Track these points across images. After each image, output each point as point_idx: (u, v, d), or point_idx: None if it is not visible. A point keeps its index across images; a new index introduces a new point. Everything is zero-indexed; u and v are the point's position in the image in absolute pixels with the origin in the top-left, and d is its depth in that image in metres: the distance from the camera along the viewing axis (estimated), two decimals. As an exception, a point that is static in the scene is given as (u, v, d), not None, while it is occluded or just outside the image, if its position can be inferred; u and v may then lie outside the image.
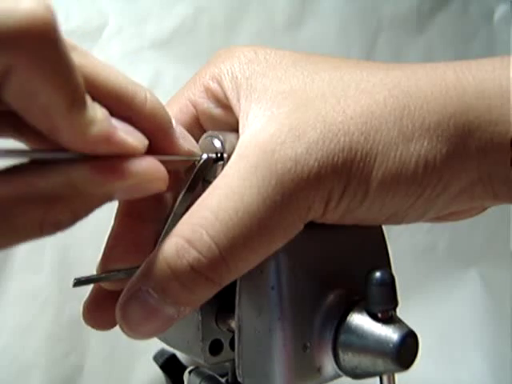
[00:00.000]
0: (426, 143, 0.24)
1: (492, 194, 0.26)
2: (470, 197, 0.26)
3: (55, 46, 0.18)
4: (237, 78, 0.27)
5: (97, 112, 0.21)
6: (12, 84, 0.18)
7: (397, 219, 0.26)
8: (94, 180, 0.21)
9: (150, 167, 0.22)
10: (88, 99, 0.20)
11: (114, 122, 0.22)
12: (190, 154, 0.26)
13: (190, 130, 0.27)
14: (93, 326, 0.27)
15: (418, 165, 0.24)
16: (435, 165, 0.24)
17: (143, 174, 0.22)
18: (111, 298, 0.26)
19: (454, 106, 0.24)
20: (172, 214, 0.26)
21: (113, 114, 0.22)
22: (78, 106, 0.19)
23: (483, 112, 0.24)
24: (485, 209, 0.29)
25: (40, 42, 0.17)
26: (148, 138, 0.23)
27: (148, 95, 0.23)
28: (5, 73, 0.17)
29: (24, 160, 0.21)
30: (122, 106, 0.22)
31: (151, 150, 0.23)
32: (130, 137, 0.22)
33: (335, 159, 0.23)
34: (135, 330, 0.23)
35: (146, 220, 0.27)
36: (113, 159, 0.21)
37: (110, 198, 0.22)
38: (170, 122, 0.25)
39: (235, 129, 0.27)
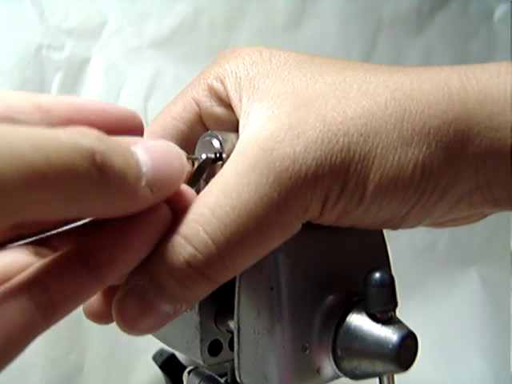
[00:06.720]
0: (424, 148, 0.24)
1: (492, 200, 0.25)
2: (468, 204, 0.25)
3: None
4: (240, 78, 0.27)
5: None
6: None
7: (393, 224, 0.26)
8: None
9: None
10: None
11: None
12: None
13: (192, 128, 0.27)
14: (93, 321, 0.27)
15: (415, 170, 0.24)
16: (432, 171, 0.24)
17: None
18: (112, 293, 0.26)
19: (455, 111, 0.24)
20: None
21: None
22: None
23: (484, 118, 0.24)
24: (485, 216, 0.29)
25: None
26: None
27: None
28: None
29: None
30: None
31: None
32: None
33: (333, 159, 0.23)
34: (131, 326, 0.23)
35: None
36: None
37: None
38: None
39: (237, 128, 0.27)
